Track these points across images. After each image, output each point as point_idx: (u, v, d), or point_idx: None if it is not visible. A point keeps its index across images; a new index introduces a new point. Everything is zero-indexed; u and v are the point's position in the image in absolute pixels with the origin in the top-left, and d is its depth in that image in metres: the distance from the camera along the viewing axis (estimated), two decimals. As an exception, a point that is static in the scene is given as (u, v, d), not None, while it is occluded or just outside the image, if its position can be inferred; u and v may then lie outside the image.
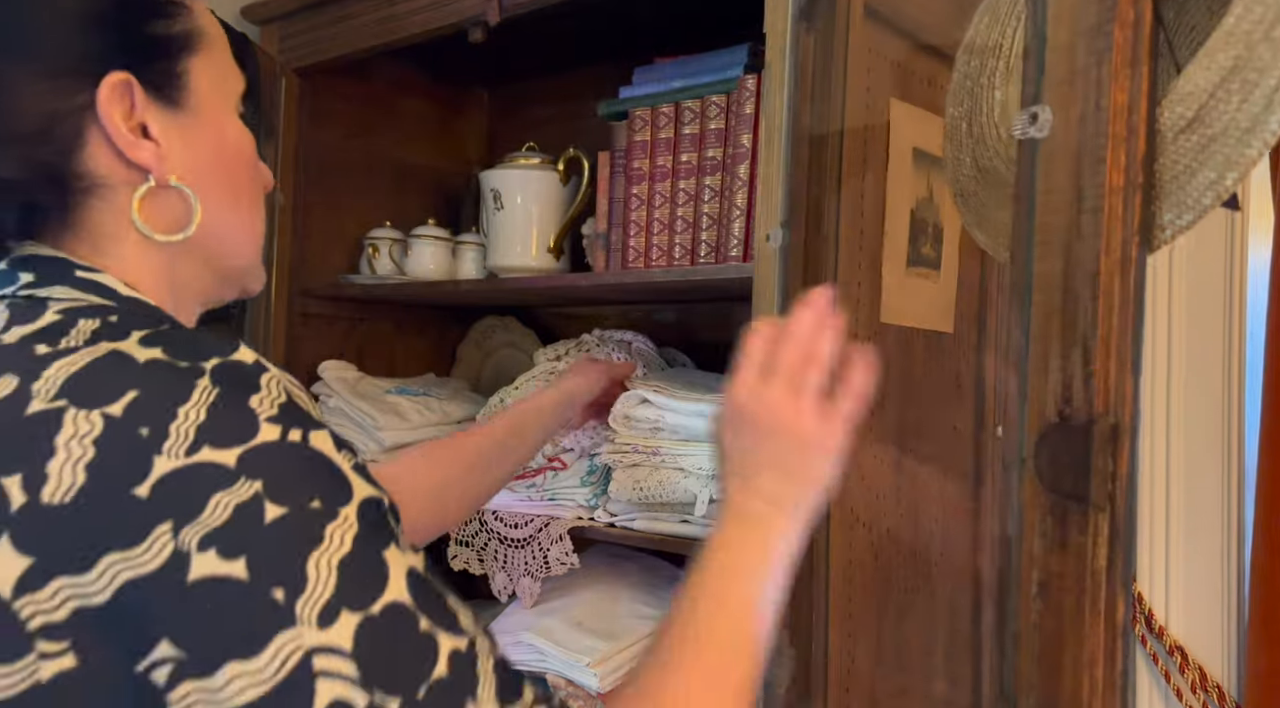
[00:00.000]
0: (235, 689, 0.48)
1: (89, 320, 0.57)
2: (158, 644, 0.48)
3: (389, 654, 0.51)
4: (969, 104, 0.86)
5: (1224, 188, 0.59)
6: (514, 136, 1.82)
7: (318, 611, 0.49)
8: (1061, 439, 0.64)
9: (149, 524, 0.49)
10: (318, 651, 0.49)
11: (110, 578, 0.48)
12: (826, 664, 1.09)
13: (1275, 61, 0.57)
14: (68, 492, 0.49)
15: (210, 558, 0.48)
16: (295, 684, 0.48)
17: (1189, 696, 1.05)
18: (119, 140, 0.62)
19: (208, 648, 0.48)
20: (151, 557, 0.48)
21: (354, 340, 1.79)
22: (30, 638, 0.48)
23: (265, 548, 0.50)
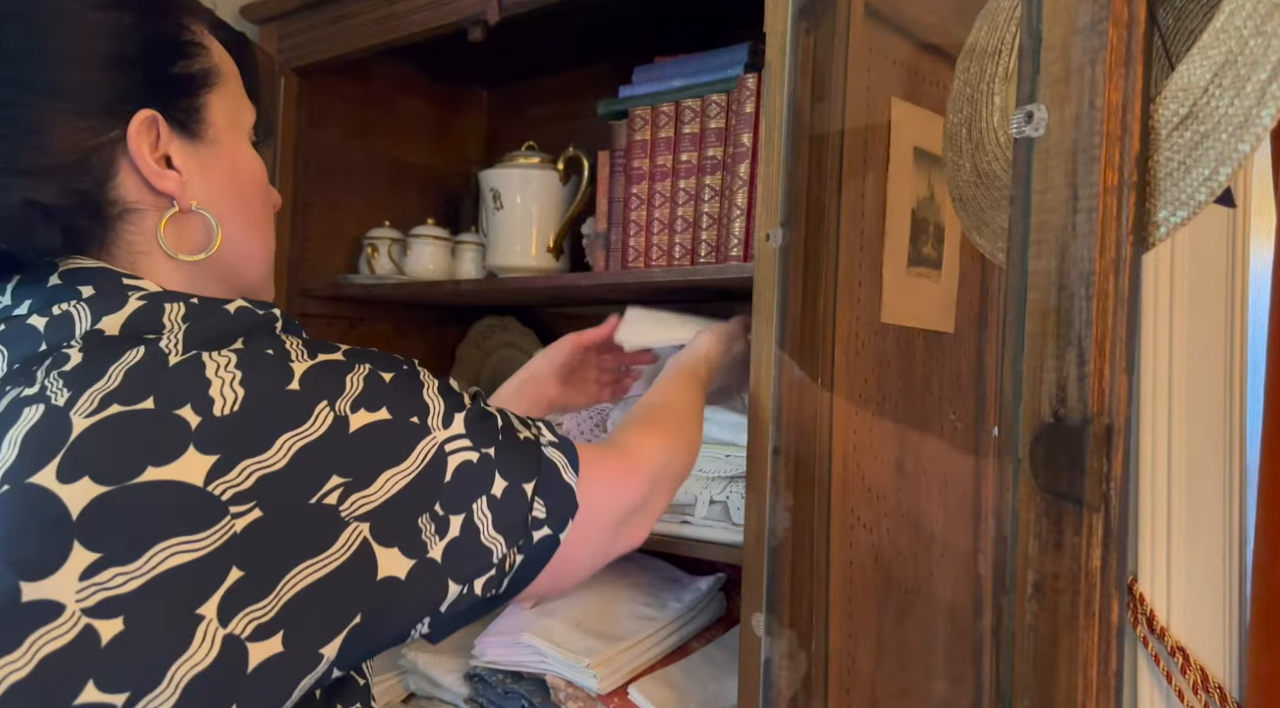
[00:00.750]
0: (389, 487, 0.64)
1: (174, 305, 0.68)
2: (329, 479, 0.62)
3: (481, 425, 0.73)
4: (969, 110, 0.85)
5: (1218, 183, 0.59)
6: (514, 136, 1.82)
7: (440, 418, 0.70)
8: (1056, 439, 0.63)
9: (311, 405, 0.63)
10: (448, 440, 0.69)
11: (288, 450, 0.61)
12: (826, 664, 1.08)
13: (1267, 55, 0.57)
14: (236, 403, 0.61)
15: (362, 414, 0.65)
16: (434, 467, 0.67)
17: (1190, 697, 1.05)
18: (146, 171, 0.71)
19: (368, 468, 0.64)
20: (319, 426, 0.63)
21: (353, 340, 1.78)
22: (224, 506, 0.59)
23: (395, 397, 0.68)
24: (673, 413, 1.00)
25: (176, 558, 0.57)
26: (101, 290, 0.68)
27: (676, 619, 1.38)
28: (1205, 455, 1.08)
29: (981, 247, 0.84)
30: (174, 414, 0.60)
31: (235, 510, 0.59)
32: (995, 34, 0.84)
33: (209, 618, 0.57)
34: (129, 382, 0.61)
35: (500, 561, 0.72)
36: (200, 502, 0.58)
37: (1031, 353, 0.65)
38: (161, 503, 0.58)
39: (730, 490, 1.22)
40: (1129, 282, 0.62)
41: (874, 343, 1.13)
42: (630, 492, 0.85)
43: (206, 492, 0.59)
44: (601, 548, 0.83)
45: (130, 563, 0.56)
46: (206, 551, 0.58)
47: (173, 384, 0.61)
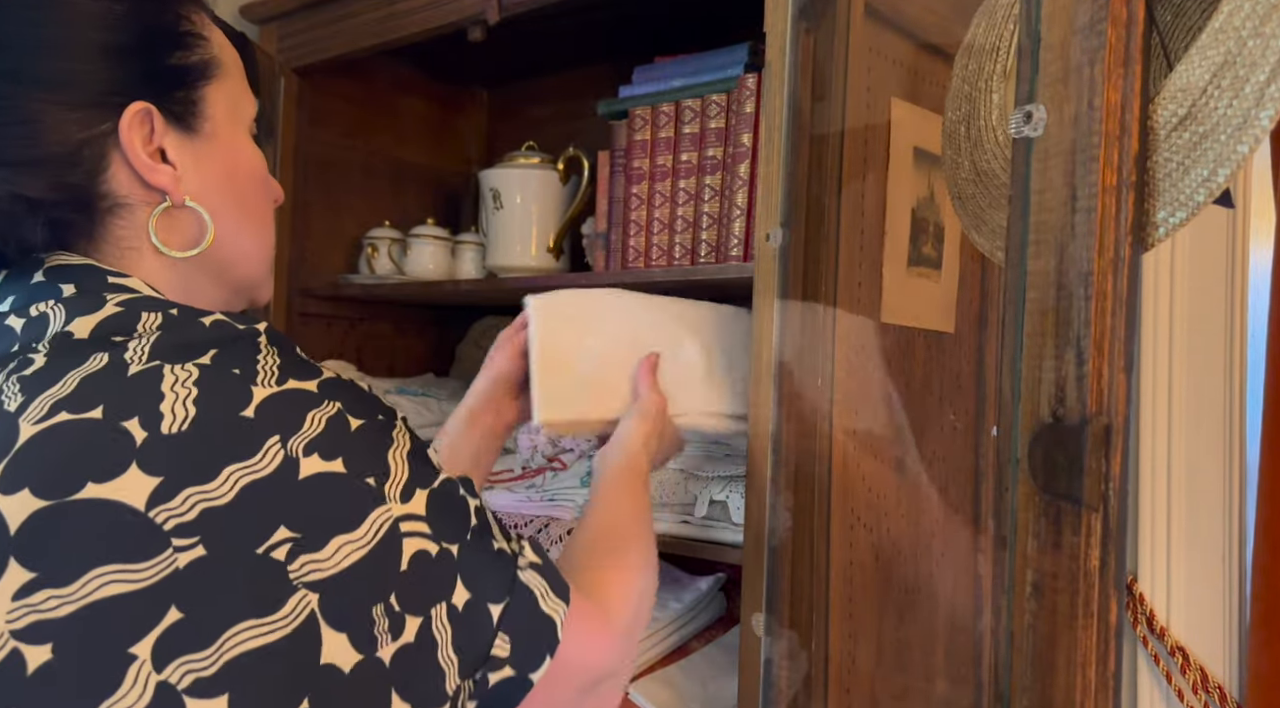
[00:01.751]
0: (341, 555, 0.59)
1: (151, 314, 0.65)
2: (276, 530, 0.57)
3: (447, 515, 0.65)
4: (967, 108, 0.85)
5: (1216, 184, 0.59)
6: (514, 136, 1.82)
7: (399, 490, 0.63)
8: (1055, 439, 0.63)
9: (261, 438, 0.59)
10: (403, 518, 0.62)
11: (233, 483, 0.57)
12: (826, 664, 1.08)
13: (1265, 57, 0.57)
14: (184, 423, 0.58)
15: (315, 461, 0.60)
16: (388, 543, 0.61)
17: (1190, 696, 1.05)
18: (138, 165, 0.68)
19: (319, 528, 0.58)
20: (267, 464, 0.58)
21: (353, 340, 1.79)
22: (166, 537, 0.55)
23: (356, 449, 0.62)
24: (626, 537, 0.88)
25: (112, 587, 0.54)
26: (83, 289, 0.66)
27: (676, 619, 1.38)
28: (1205, 455, 1.08)
29: (980, 245, 0.84)
30: (120, 426, 0.57)
31: (178, 544, 0.55)
32: (993, 31, 0.84)
33: (142, 659, 0.53)
34: (82, 389, 0.59)
35: (453, 695, 0.63)
36: (141, 528, 0.55)
37: (1030, 353, 0.65)
38: (100, 524, 0.55)
39: (730, 490, 1.22)
40: (1128, 282, 0.62)
41: (874, 343, 1.13)
42: (607, 654, 0.74)
43: (147, 517, 0.55)
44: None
45: (64, 586, 0.53)
46: (146, 584, 0.54)
47: (125, 394, 0.58)
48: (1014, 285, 0.67)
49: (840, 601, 1.10)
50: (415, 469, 0.65)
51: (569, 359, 1.02)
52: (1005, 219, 0.70)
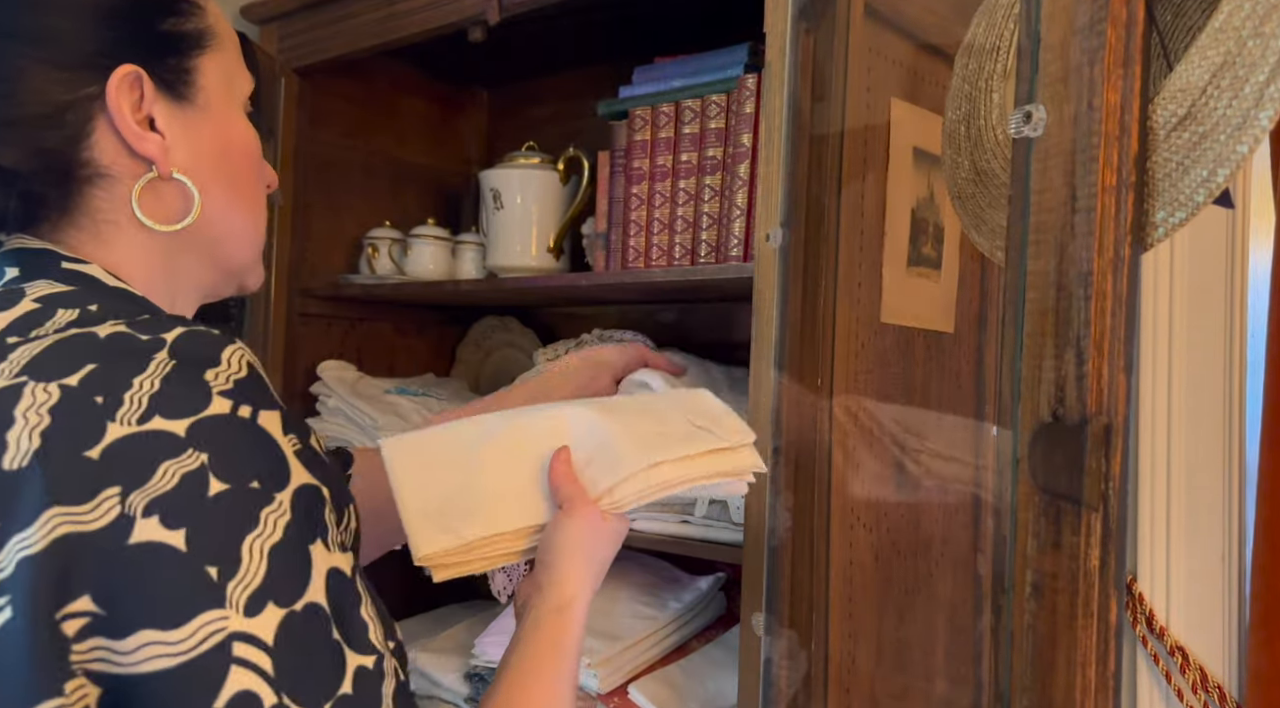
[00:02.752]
0: (144, 655, 0.49)
1: (67, 311, 0.59)
2: (79, 598, 0.49)
3: (304, 658, 0.52)
4: (967, 108, 0.85)
5: (1216, 185, 0.59)
6: (514, 136, 1.82)
7: (247, 596, 0.51)
8: (1055, 439, 0.63)
9: (98, 486, 0.50)
10: (240, 637, 0.50)
11: (50, 529, 0.49)
12: (826, 664, 1.08)
13: (1265, 57, 0.57)
14: (24, 457, 0.51)
15: (153, 524, 0.50)
16: (208, 664, 0.49)
17: (1190, 696, 1.05)
18: (125, 131, 0.64)
19: (128, 611, 0.49)
20: (97, 517, 0.50)
21: (353, 341, 1.79)
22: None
23: (206, 523, 0.51)
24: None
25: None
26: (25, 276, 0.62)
27: (676, 619, 1.38)
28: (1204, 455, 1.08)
29: (980, 244, 0.84)
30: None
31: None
32: (993, 31, 0.84)
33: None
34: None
35: None
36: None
37: (1030, 353, 0.65)
38: None
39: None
40: (1127, 282, 0.62)
41: (874, 343, 1.13)
42: None
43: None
44: None
45: None
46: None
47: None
48: (1014, 285, 0.67)
49: (840, 600, 1.10)
50: (275, 572, 0.52)
51: (436, 488, 0.83)
52: (1005, 219, 0.70)
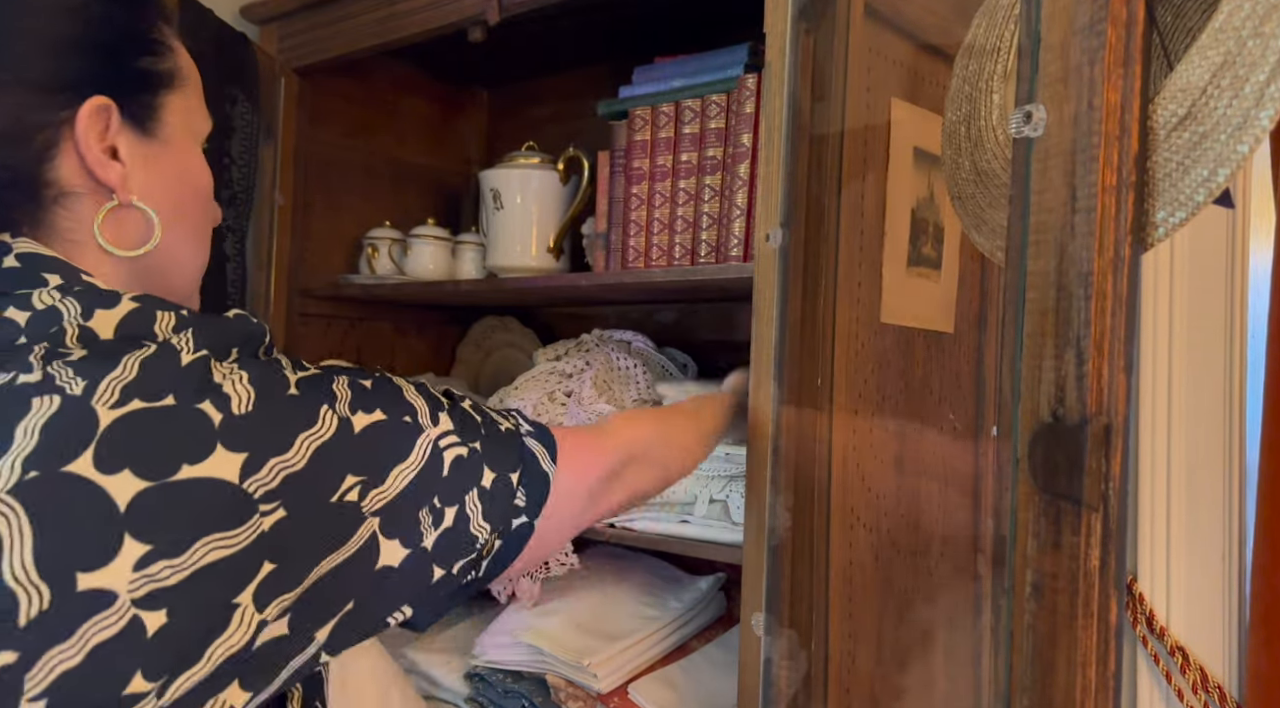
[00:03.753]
0: (398, 481, 0.70)
1: (165, 313, 0.68)
2: (345, 478, 0.67)
3: (467, 421, 0.78)
4: (967, 108, 0.85)
5: (1216, 184, 0.59)
6: (514, 136, 1.82)
7: (429, 417, 0.74)
8: (1055, 439, 0.63)
9: (315, 408, 0.67)
10: (440, 436, 0.74)
11: (305, 450, 0.65)
12: (826, 664, 1.08)
13: (1265, 57, 0.57)
14: (249, 403, 0.64)
15: (361, 416, 0.69)
16: (433, 462, 0.73)
17: (1190, 696, 1.05)
18: (89, 158, 0.70)
19: (378, 465, 0.69)
20: (328, 428, 0.67)
21: (353, 341, 1.79)
22: (254, 504, 0.62)
23: (382, 400, 0.72)
24: (678, 414, 1.06)
25: (216, 553, 0.60)
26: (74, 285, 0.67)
27: (676, 619, 1.38)
28: (1205, 455, 1.08)
29: (980, 245, 0.84)
30: (195, 408, 0.62)
31: (264, 509, 0.62)
32: (994, 32, 0.84)
33: (244, 605, 0.61)
34: (145, 374, 0.62)
35: (481, 546, 0.77)
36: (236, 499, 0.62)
37: (1030, 353, 0.65)
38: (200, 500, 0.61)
39: (730, 490, 1.22)
40: (1127, 282, 0.62)
41: (874, 343, 1.13)
42: (600, 467, 0.89)
43: (241, 489, 0.62)
44: (573, 523, 0.87)
45: (177, 557, 0.59)
46: (240, 546, 0.61)
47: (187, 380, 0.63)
48: (1014, 285, 0.67)
49: (840, 600, 1.10)
50: (428, 399, 0.76)
51: None
52: (1005, 219, 0.70)
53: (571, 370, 1.49)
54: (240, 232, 1.55)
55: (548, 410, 1.44)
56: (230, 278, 1.54)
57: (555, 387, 1.47)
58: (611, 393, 1.46)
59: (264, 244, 1.60)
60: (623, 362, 1.50)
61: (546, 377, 1.49)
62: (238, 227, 1.55)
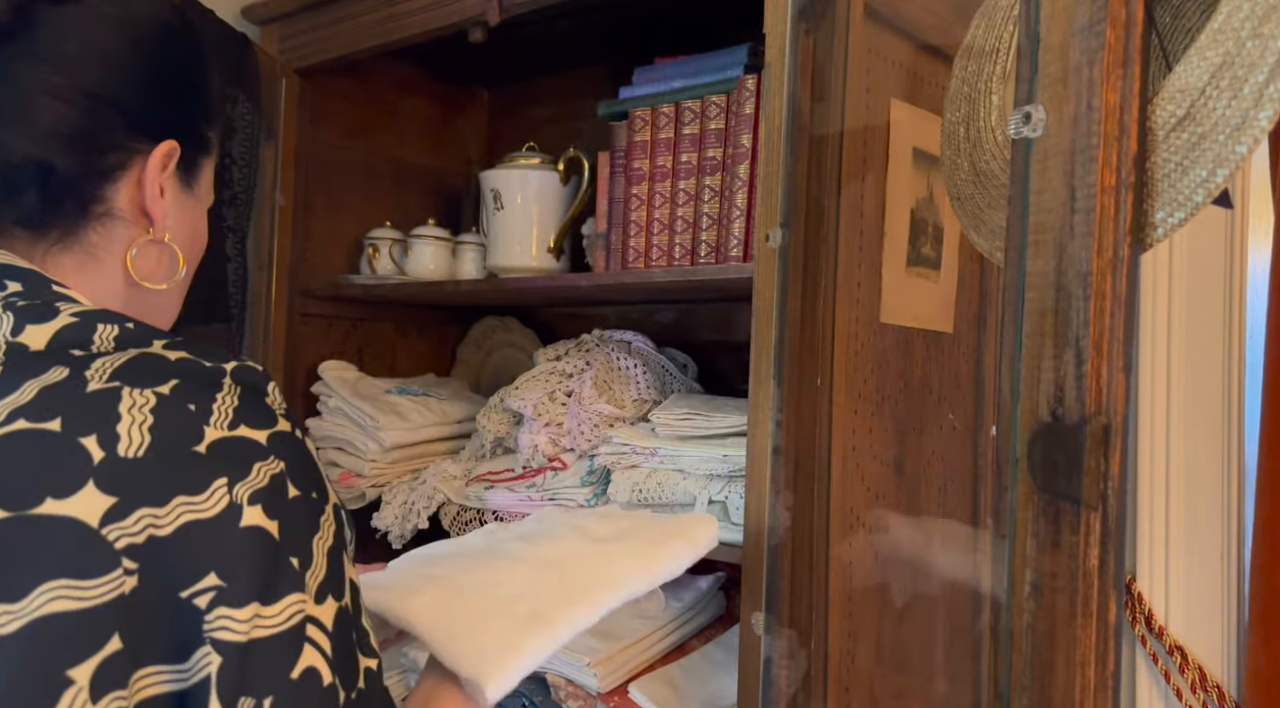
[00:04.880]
0: (251, 625, 0.57)
1: (107, 326, 0.66)
2: (206, 575, 0.57)
3: (346, 649, 0.62)
4: (966, 109, 0.86)
5: (1215, 185, 0.59)
6: (514, 136, 1.82)
7: (316, 586, 0.61)
8: (1054, 439, 0.63)
9: (210, 477, 0.59)
10: (312, 620, 0.60)
11: (176, 516, 0.57)
12: (826, 663, 1.09)
13: (1264, 58, 0.57)
14: (139, 448, 0.58)
15: (257, 512, 0.59)
16: (292, 639, 0.58)
17: (1189, 695, 1.05)
18: (149, 189, 0.74)
19: (243, 584, 0.57)
20: (212, 505, 0.58)
21: (354, 341, 1.79)
22: (118, 556, 0.55)
23: (290, 519, 0.60)
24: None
25: (60, 603, 0.54)
26: (29, 292, 0.67)
27: (676, 618, 1.38)
28: (1203, 455, 1.09)
29: (979, 245, 0.84)
30: (77, 442, 0.58)
31: (129, 565, 0.56)
32: (993, 33, 0.84)
33: (80, 686, 0.53)
34: (41, 398, 0.60)
35: None
36: (92, 543, 0.55)
37: (1029, 353, 0.65)
38: (52, 538, 0.55)
39: (729, 490, 1.22)
40: (1126, 282, 0.62)
41: (873, 343, 1.13)
42: None
43: (100, 534, 0.55)
44: None
45: (15, 602, 0.53)
46: (93, 603, 0.54)
47: (84, 410, 0.59)
48: (1013, 285, 0.67)
49: (840, 600, 1.10)
50: (331, 571, 0.63)
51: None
52: (1004, 219, 0.70)
53: (572, 370, 1.49)
54: (241, 232, 1.55)
55: (548, 410, 1.45)
56: (231, 278, 1.54)
57: (555, 387, 1.47)
58: (611, 393, 1.46)
59: (265, 244, 1.60)
60: (623, 362, 1.50)
61: (547, 377, 1.49)
62: (238, 227, 1.55)
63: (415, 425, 1.62)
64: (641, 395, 1.48)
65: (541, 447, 1.43)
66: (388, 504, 1.56)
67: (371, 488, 1.60)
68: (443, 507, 1.52)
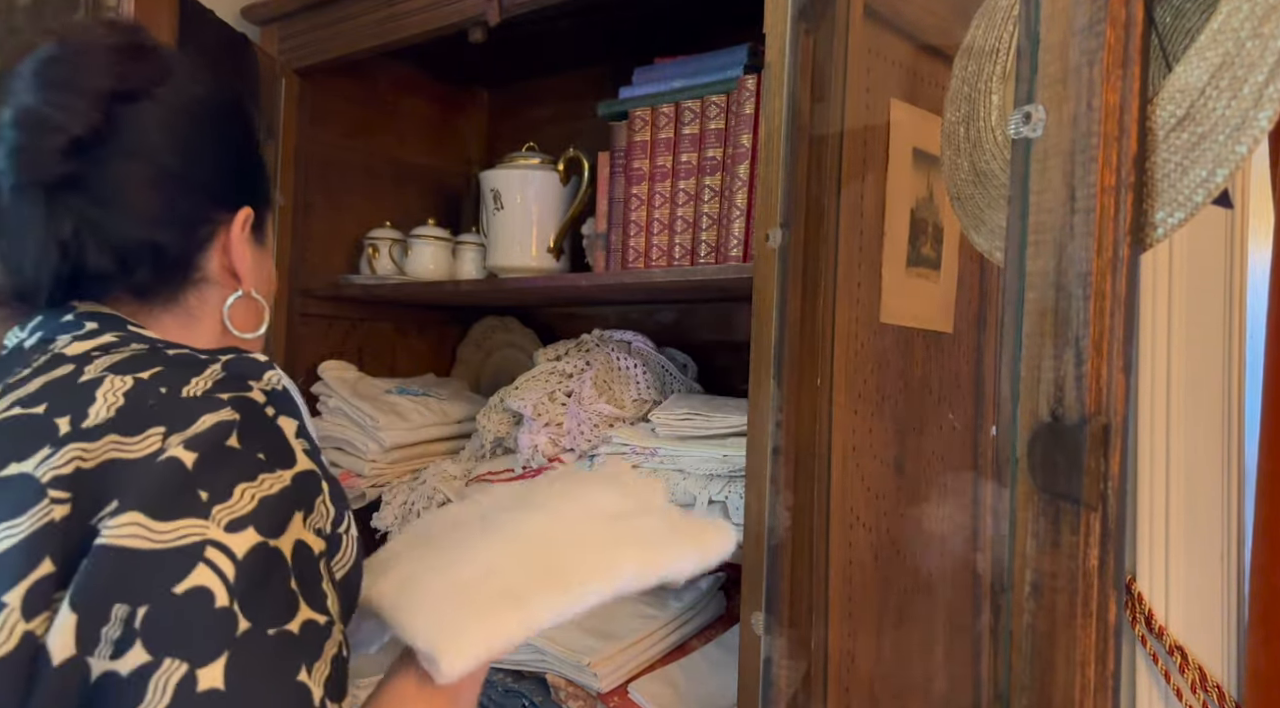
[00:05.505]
0: (127, 532, 0.58)
1: (140, 344, 0.72)
2: (110, 502, 0.59)
3: (262, 583, 0.60)
4: (966, 109, 0.86)
5: (1215, 185, 0.59)
6: (514, 136, 1.82)
7: (229, 519, 0.60)
8: (1054, 439, 0.64)
9: (147, 424, 0.62)
10: (213, 544, 0.59)
11: (104, 452, 0.61)
12: (826, 664, 1.09)
13: (1263, 58, 0.57)
14: (99, 420, 0.63)
15: (178, 446, 0.61)
16: (179, 557, 0.58)
17: (1189, 695, 1.05)
18: (235, 253, 0.83)
19: (131, 499, 0.59)
20: (140, 447, 0.61)
21: (354, 341, 1.79)
22: (44, 489, 0.59)
23: (215, 459, 0.62)
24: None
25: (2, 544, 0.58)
26: (101, 329, 0.74)
27: (676, 618, 1.38)
28: (1203, 455, 1.09)
29: (979, 245, 0.84)
30: (52, 420, 0.63)
31: (54, 495, 0.59)
32: (993, 33, 0.84)
33: (12, 608, 0.56)
34: (42, 388, 0.66)
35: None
36: (25, 484, 0.60)
37: (1029, 353, 0.65)
38: (6, 493, 0.60)
39: (729, 490, 1.22)
40: (1126, 282, 0.62)
41: (873, 343, 1.13)
42: None
43: (32, 476, 0.60)
44: None
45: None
46: (24, 535, 0.58)
47: (68, 396, 0.65)
48: (1013, 285, 0.67)
49: (840, 600, 1.10)
50: (259, 512, 0.62)
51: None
52: (1004, 219, 0.70)
53: (572, 370, 1.49)
54: (241, 232, 1.55)
55: (548, 410, 1.45)
56: (231, 278, 1.54)
57: (555, 387, 1.47)
58: (611, 393, 1.46)
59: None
60: (623, 362, 1.50)
61: (547, 377, 1.49)
62: (238, 227, 1.55)
63: (415, 425, 1.62)
64: (641, 395, 1.48)
65: (541, 447, 1.43)
66: (388, 504, 1.56)
67: (371, 488, 1.60)
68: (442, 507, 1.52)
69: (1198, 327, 1.07)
